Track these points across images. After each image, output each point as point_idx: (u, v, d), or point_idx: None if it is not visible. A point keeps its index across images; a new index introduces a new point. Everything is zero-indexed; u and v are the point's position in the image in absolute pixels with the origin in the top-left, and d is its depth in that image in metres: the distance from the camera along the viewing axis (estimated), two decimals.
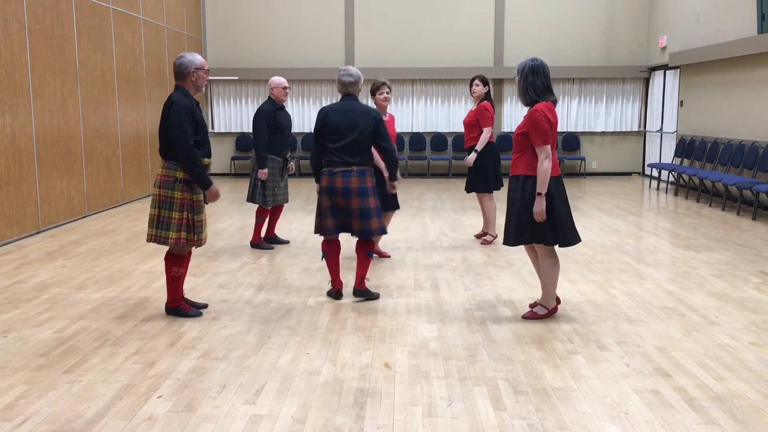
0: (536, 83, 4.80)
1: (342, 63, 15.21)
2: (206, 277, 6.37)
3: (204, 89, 5.07)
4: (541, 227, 4.81)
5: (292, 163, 7.52)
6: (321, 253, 5.64)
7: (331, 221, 5.44)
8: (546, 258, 4.98)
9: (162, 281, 6.09)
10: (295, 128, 15.35)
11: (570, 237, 4.91)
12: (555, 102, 4.89)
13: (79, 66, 9.63)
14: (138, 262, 6.97)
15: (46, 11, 8.77)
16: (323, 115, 5.40)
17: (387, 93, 6.71)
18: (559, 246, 4.93)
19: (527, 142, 4.82)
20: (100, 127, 10.27)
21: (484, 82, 7.78)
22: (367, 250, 5.52)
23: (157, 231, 4.96)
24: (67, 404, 3.65)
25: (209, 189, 4.96)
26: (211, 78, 15.15)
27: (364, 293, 5.56)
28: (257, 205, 7.63)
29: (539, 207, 4.74)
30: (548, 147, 4.74)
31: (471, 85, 7.84)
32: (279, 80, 7.38)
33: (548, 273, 5.00)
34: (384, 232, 5.52)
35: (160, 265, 6.71)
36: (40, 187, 8.55)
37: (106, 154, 10.45)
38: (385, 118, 6.69)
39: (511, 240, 4.95)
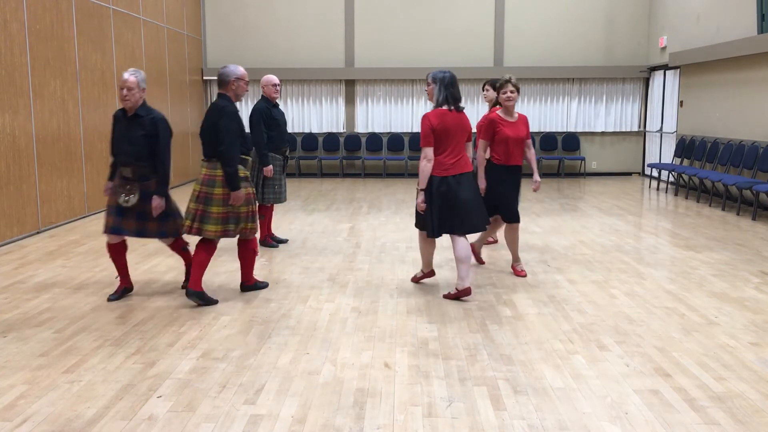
0: (456, 94, 5.49)
1: (342, 63, 15.22)
2: (206, 276, 6.37)
3: (241, 99, 5.62)
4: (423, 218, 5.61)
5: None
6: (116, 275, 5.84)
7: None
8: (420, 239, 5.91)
9: (162, 281, 6.12)
10: (296, 128, 15.35)
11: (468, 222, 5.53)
12: (457, 110, 5.48)
13: (79, 66, 9.63)
14: (138, 262, 6.97)
15: (46, 11, 8.77)
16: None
17: (510, 92, 6.19)
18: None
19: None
20: (100, 127, 10.27)
21: (494, 86, 7.42)
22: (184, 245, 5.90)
23: (199, 224, 5.32)
24: (67, 404, 3.65)
25: (236, 192, 5.29)
26: (210, 78, 15.15)
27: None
28: (258, 204, 7.66)
29: (418, 199, 5.52)
30: (428, 149, 5.39)
31: (482, 90, 7.73)
32: (269, 78, 7.48)
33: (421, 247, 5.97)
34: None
35: (161, 265, 6.73)
36: (40, 187, 8.55)
37: (106, 154, 10.44)
38: (512, 119, 6.35)
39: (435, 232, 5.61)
